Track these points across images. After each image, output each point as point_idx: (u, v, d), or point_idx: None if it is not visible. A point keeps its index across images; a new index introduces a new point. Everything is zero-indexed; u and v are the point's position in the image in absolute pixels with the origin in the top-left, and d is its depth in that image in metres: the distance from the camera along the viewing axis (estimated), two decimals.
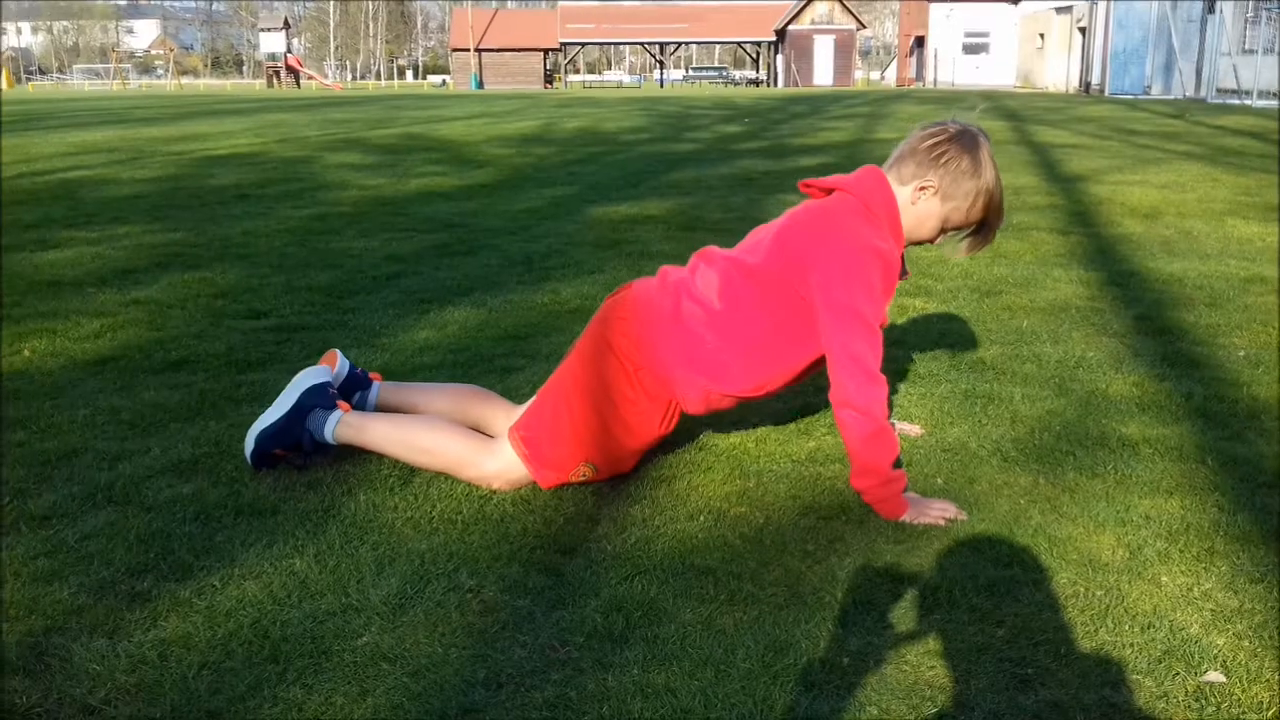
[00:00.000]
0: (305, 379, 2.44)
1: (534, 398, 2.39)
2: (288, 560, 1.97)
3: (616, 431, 2.25)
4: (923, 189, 2.20)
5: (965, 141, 2.20)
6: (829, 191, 2.26)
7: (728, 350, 2.21)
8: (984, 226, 2.26)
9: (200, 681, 1.60)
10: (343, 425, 2.37)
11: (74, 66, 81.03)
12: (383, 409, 2.56)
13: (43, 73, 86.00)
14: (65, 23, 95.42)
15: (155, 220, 6.11)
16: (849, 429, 2.14)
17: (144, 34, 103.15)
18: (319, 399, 2.40)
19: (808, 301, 2.16)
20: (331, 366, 2.53)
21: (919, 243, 2.29)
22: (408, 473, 2.35)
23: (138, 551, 2.00)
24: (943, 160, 2.18)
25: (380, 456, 2.41)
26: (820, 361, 2.24)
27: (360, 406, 2.57)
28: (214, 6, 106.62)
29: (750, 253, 2.25)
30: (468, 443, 2.32)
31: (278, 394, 2.49)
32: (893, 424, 2.43)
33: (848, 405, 2.12)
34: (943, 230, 2.25)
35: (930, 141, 2.21)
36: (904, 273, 2.28)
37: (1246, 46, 23.61)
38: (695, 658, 1.66)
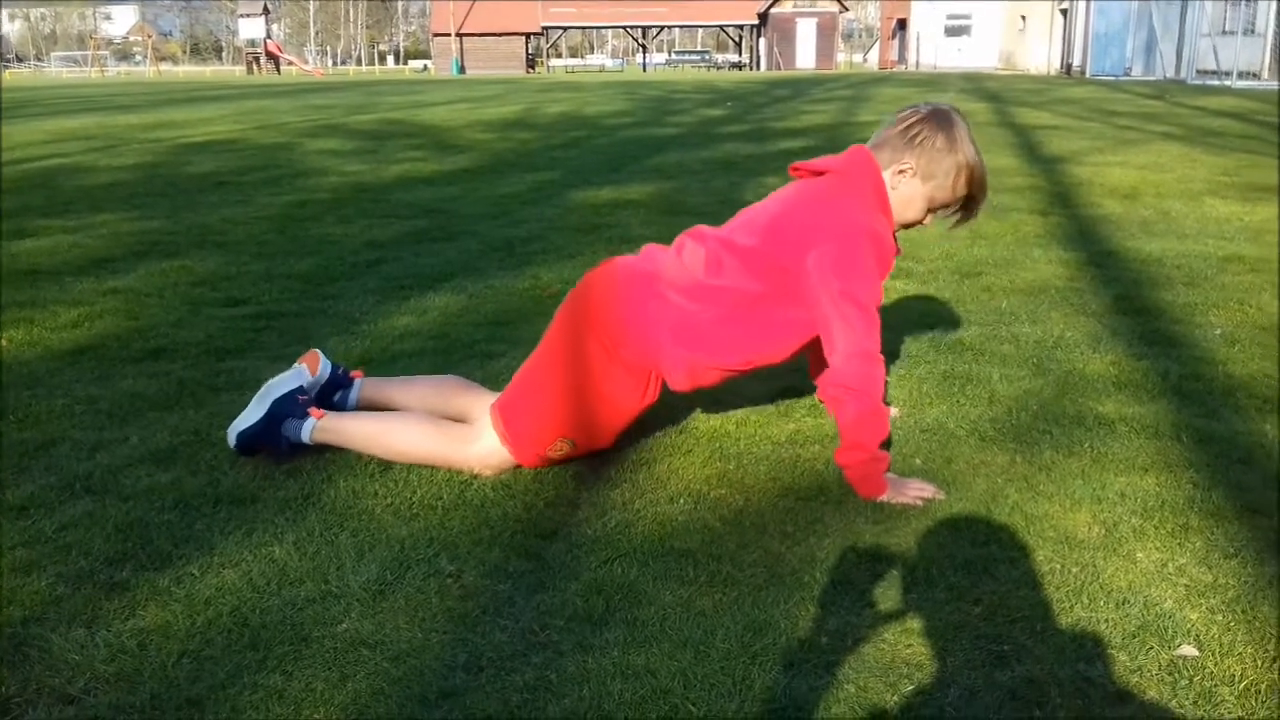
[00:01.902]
0: (275, 388, 2.40)
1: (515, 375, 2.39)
2: (267, 548, 1.97)
3: (594, 405, 2.24)
4: (901, 172, 2.21)
5: (939, 120, 2.21)
6: (818, 174, 2.27)
7: (713, 321, 2.19)
8: (970, 201, 2.27)
9: (180, 670, 1.60)
10: (319, 431, 2.35)
11: (51, 54, 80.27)
12: (365, 405, 2.55)
13: (20, 60, 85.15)
14: (43, 9, 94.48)
15: (133, 208, 6.07)
16: (843, 406, 2.12)
17: (122, 20, 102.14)
18: (290, 408, 2.37)
19: (799, 282, 2.16)
20: (313, 369, 2.50)
21: (907, 225, 2.30)
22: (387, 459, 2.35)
23: (116, 541, 1.99)
24: (918, 140, 2.20)
25: None
26: (813, 342, 2.24)
27: (341, 404, 2.55)
28: None
29: (740, 233, 2.24)
30: (445, 434, 2.31)
31: (257, 383, 2.48)
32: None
33: (842, 384, 2.11)
34: (929, 210, 2.27)
35: (904, 125, 2.22)
36: (896, 250, 2.29)
37: (1226, 28, 23.67)
38: (675, 639, 1.66)
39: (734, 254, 2.20)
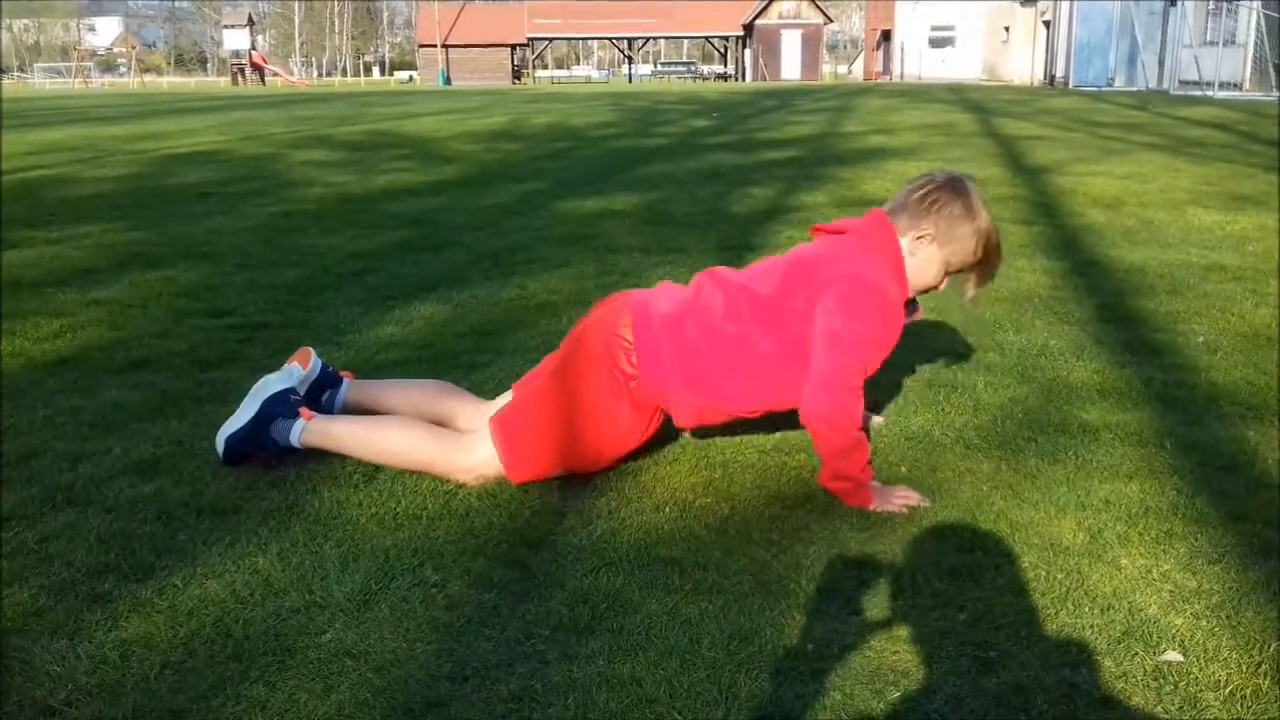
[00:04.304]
0: (266, 387, 2.41)
1: (512, 391, 2.40)
2: (251, 558, 1.95)
3: (597, 441, 2.25)
4: (920, 238, 2.25)
5: (955, 188, 2.25)
6: (838, 234, 2.30)
7: (730, 371, 2.22)
8: (984, 266, 2.31)
9: (162, 681, 1.58)
10: (308, 433, 2.35)
11: (35, 65, 79.99)
12: (352, 407, 2.55)
13: (3, 71, 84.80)
14: (26, 21, 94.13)
15: (117, 219, 6.05)
16: (823, 441, 2.15)
17: (106, 32, 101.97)
18: (281, 407, 2.38)
19: (809, 329, 2.18)
20: (304, 365, 2.51)
21: (924, 290, 2.32)
22: (372, 469, 2.34)
23: (98, 552, 1.98)
24: (936, 208, 2.24)
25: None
26: None
27: (330, 404, 2.55)
28: (177, 3, 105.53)
29: (759, 280, 2.26)
30: (436, 441, 2.31)
31: (240, 393, 2.47)
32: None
33: (822, 419, 2.14)
34: (946, 273, 2.30)
35: (921, 192, 2.26)
36: (914, 308, 2.32)
37: (1208, 38, 23.88)
38: (661, 647, 1.66)
39: (751, 302, 2.23)
